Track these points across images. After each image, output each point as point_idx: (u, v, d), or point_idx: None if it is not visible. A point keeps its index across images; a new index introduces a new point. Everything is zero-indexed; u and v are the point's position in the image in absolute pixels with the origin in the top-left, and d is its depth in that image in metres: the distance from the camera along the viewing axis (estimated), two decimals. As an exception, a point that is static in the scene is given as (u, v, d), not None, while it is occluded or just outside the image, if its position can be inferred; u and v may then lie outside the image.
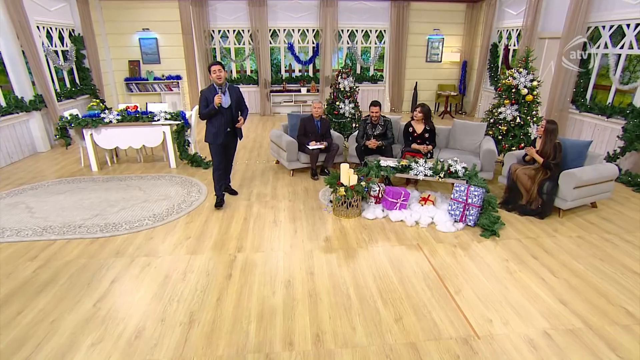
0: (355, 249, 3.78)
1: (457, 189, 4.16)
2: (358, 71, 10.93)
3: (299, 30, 10.35)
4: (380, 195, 4.52)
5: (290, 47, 10.34)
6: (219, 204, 4.67)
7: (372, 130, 5.47)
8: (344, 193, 4.17)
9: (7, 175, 5.81)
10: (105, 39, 9.70)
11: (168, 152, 6.21)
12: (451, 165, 4.43)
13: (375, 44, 10.68)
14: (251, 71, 10.85)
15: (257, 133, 8.67)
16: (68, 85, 8.28)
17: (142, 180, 5.61)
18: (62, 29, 8.18)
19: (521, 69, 5.57)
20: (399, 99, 10.94)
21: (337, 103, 6.60)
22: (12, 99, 6.56)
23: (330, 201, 4.55)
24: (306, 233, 4.09)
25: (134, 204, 4.77)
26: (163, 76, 10.30)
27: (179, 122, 6.02)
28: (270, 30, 10.15)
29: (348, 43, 10.55)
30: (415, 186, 5.19)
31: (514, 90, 5.59)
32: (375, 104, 5.37)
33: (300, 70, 10.88)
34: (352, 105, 6.63)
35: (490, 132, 5.81)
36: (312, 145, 5.46)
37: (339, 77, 6.55)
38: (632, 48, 5.93)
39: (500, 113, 5.73)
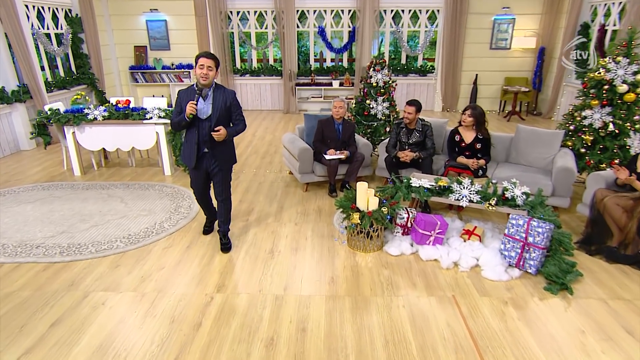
0: (367, 297, 3.35)
1: (514, 222, 3.60)
2: (403, 61, 10.49)
3: (332, 11, 10.10)
4: (409, 225, 4.04)
5: (322, 32, 10.10)
6: (209, 227, 4.44)
7: (407, 137, 5.03)
8: (358, 221, 3.74)
9: (-20, 178, 5.96)
10: (108, 20, 9.96)
11: (162, 156, 6.11)
12: (507, 189, 3.86)
13: (426, 27, 10.23)
14: (275, 60, 10.73)
15: (275, 135, 8.44)
16: (62, 74, 8.52)
17: (128, 190, 5.52)
18: (57, 9, 8.44)
19: (620, 58, 4.88)
20: (454, 95, 10.44)
21: (368, 102, 6.21)
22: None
23: (346, 227, 4.15)
24: (308, 270, 3.73)
25: (110, 220, 4.67)
26: (173, 65, 10.44)
27: (174, 121, 5.88)
28: (297, 11, 9.99)
29: (392, 26, 10.17)
30: (459, 214, 4.65)
31: (606, 86, 4.94)
32: (412, 103, 4.93)
33: (332, 60, 10.62)
34: (386, 104, 6.20)
35: (570, 143, 5.20)
36: (330, 155, 5.11)
37: (371, 69, 6.16)
38: None
39: (585, 117, 5.11)
